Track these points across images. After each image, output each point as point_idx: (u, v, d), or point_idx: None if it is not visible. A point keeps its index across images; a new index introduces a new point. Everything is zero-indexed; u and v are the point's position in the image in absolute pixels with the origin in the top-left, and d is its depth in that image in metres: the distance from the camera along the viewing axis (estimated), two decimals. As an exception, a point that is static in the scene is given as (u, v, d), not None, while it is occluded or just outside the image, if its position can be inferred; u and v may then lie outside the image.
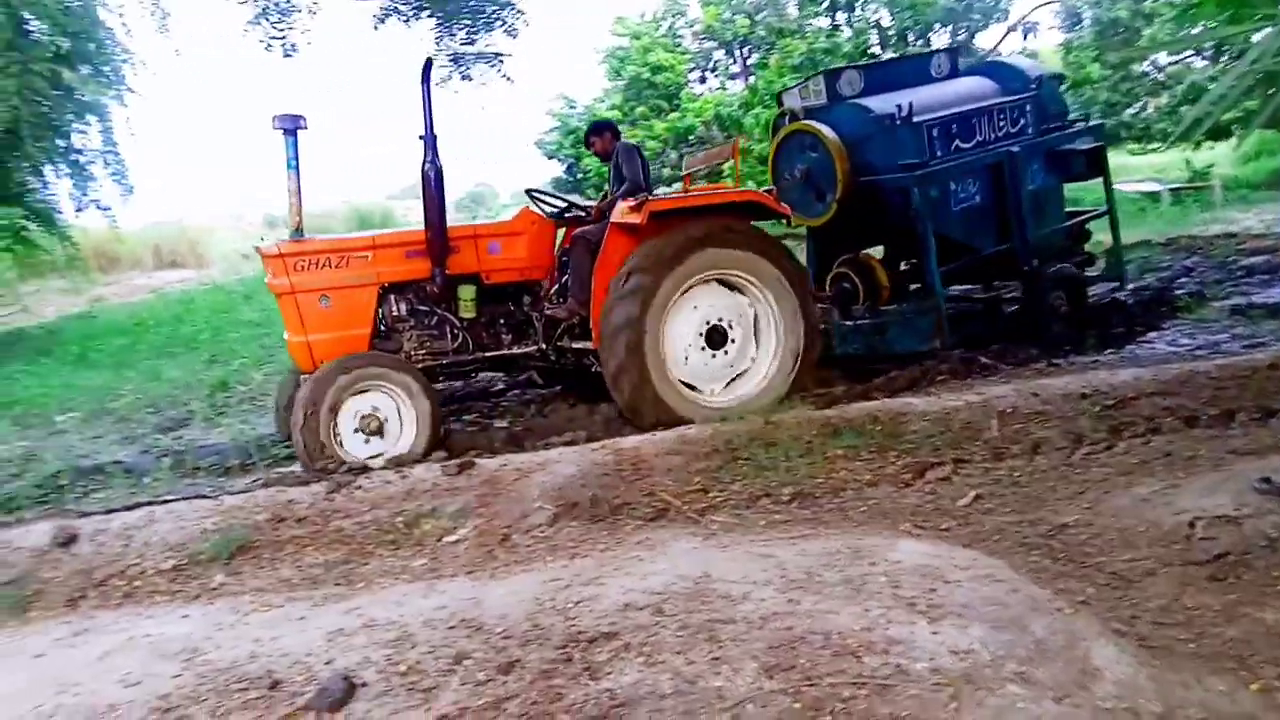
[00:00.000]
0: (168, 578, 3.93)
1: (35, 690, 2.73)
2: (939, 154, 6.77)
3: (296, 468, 5.37)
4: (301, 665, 2.68)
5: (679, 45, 25.47)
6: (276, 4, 10.60)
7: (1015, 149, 7.09)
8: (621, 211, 5.62)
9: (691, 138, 21.69)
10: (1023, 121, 7.31)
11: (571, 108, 24.23)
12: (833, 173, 6.78)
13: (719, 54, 26.20)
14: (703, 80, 26.41)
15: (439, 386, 6.31)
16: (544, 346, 5.93)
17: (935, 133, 6.80)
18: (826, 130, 6.90)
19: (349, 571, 3.83)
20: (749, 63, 24.66)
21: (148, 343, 11.33)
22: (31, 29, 13.55)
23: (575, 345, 5.86)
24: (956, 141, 6.96)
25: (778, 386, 5.74)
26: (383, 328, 5.76)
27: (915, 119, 6.67)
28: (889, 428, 4.67)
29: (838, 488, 4.16)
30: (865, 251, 7.26)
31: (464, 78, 13.47)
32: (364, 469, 4.83)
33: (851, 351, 6.75)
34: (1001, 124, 7.23)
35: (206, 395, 7.89)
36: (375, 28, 11.35)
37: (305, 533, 4.20)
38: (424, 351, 5.74)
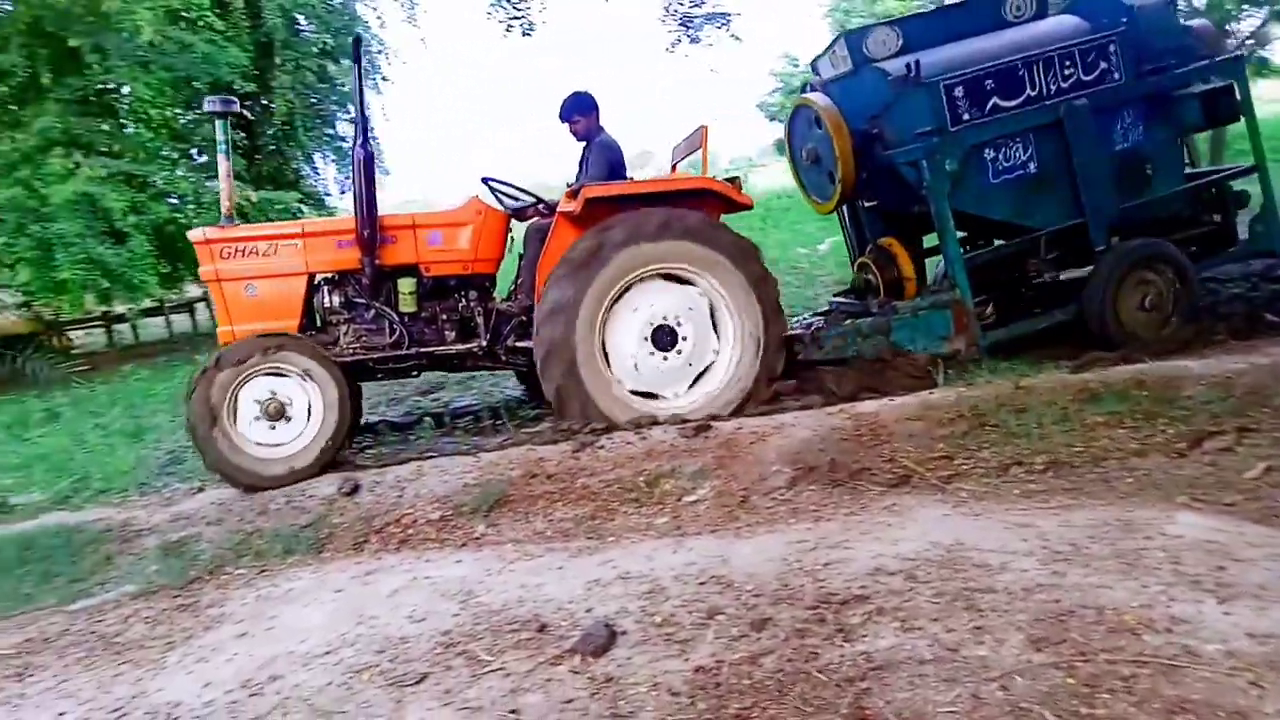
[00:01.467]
0: (436, 526, 4.29)
1: (338, 620, 3.08)
2: (965, 117, 5.67)
3: (543, 427, 5.66)
4: (565, 611, 2.86)
5: (909, -7, 24.39)
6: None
7: (1081, 101, 5.72)
8: (564, 201, 5.32)
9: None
10: (1104, 65, 5.84)
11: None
12: (833, 151, 6.00)
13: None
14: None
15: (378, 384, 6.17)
16: (486, 344, 5.49)
17: (959, 92, 5.67)
18: (821, 101, 6.13)
19: (597, 526, 4.02)
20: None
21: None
22: (302, 28, 14.93)
23: (519, 344, 5.48)
24: (995, 100, 5.74)
25: (744, 378, 5.29)
26: (319, 320, 5.53)
27: (930, 77, 5.63)
28: (1158, 393, 4.30)
29: (1099, 457, 3.89)
30: (887, 238, 6.37)
31: (692, 40, 13.54)
32: (606, 429, 5.00)
33: (850, 355, 5.75)
34: (1069, 72, 5.82)
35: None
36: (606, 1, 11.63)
37: (555, 488, 4.44)
38: (358, 345, 5.41)
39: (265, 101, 15.10)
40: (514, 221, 5.78)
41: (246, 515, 4.55)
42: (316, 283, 5.47)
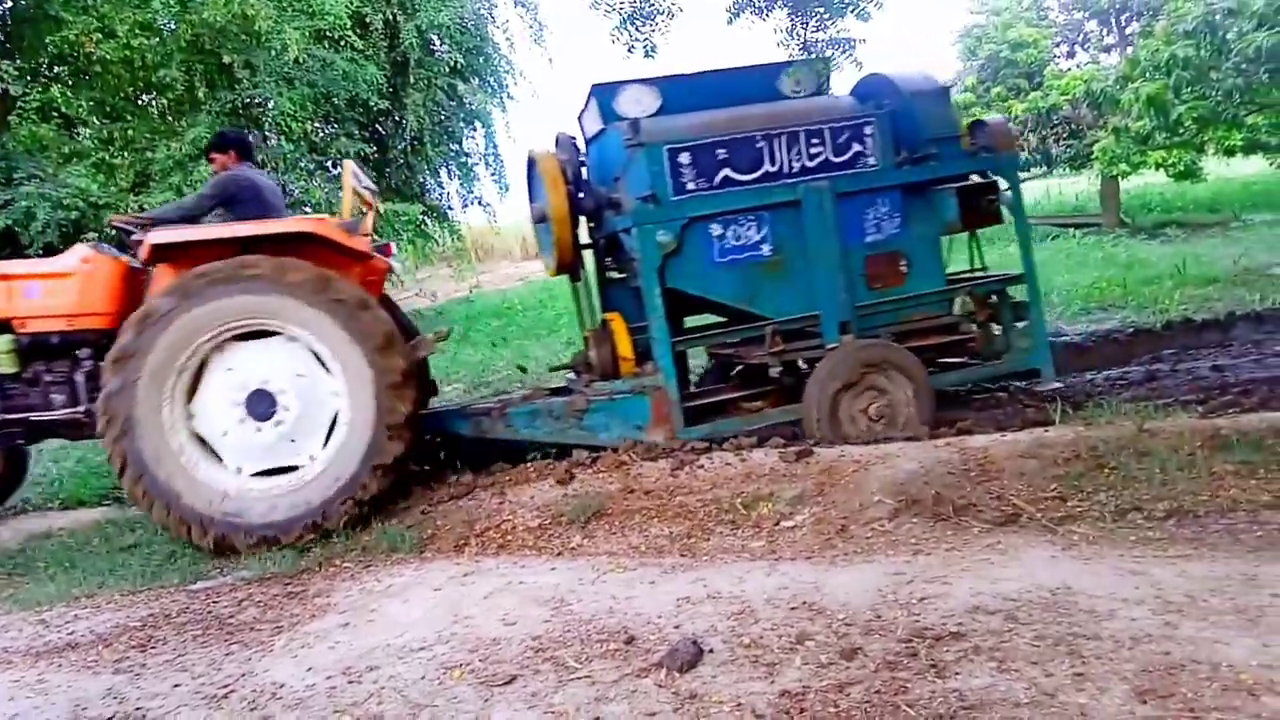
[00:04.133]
0: (534, 534, 4.37)
1: (435, 617, 3.17)
2: (690, 187, 5.12)
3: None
4: (653, 626, 2.87)
5: (1044, 19, 23.66)
6: (640, 10, 11.28)
7: (821, 182, 5.18)
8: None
9: (1055, 118, 20.07)
10: (857, 148, 5.28)
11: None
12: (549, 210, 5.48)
13: (1091, 25, 23.93)
14: (1071, 55, 24.30)
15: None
16: (88, 409, 4.81)
17: (684, 159, 5.11)
18: (542, 155, 5.60)
19: (691, 545, 4.02)
20: (1127, 32, 22.28)
21: (517, 325, 12.64)
22: (436, 48, 15.54)
23: None
24: (726, 171, 5.18)
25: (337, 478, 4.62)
26: None
27: (651, 141, 5.08)
28: (1295, 444, 4.03)
29: (1226, 508, 3.66)
30: (611, 313, 5.76)
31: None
32: (707, 448, 5.00)
33: (540, 439, 5.29)
34: (816, 151, 5.25)
35: (566, 373, 8.62)
36: (729, 22, 11.68)
37: (652, 505, 4.46)
38: None
39: (397, 117, 15.75)
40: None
41: (389, 510, 4.81)
42: None
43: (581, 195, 5.64)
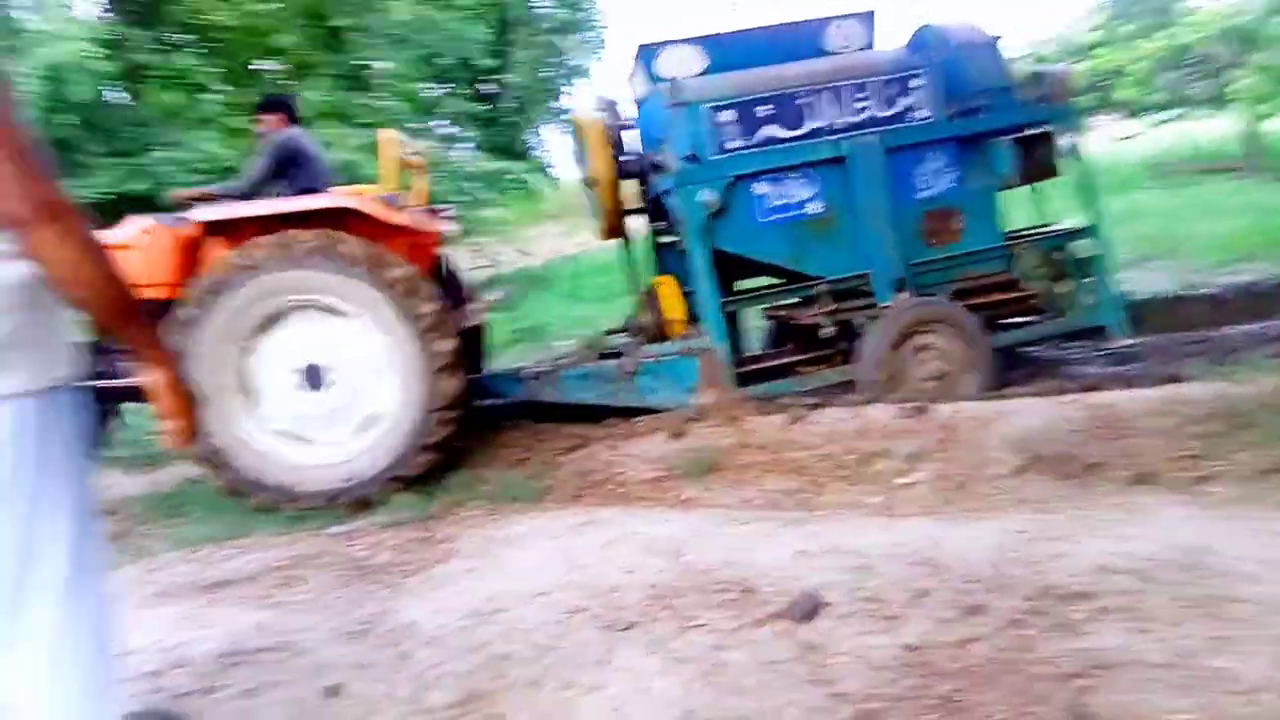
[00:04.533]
0: (649, 486, 4.45)
1: (553, 565, 3.27)
2: (731, 146, 5.06)
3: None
4: (770, 578, 2.90)
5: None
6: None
7: (869, 137, 5.07)
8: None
9: (1188, 57, 18.85)
10: (907, 102, 5.16)
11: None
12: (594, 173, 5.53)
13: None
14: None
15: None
16: None
17: (726, 117, 5.05)
18: (583, 119, 5.66)
19: (807, 499, 4.02)
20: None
21: (621, 282, 12.69)
22: (538, 5, 15.60)
23: None
24: (769, 129, 5.09)
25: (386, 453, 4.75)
26: None
27: (692, 101, 5.02)
28: None
29: (1379, 469, 3.46)
30: (661, 276, 5.79)
31: None
32: (819, 404, 4.96)
33: (590, 401, 5.32)
34: (862, 105, 5.12)
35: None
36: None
37: (766, 459, 4.47)
38: None
39: (502, 76, 15.91)
40: None
41: (509, 462, 4.98)
42: None
43: (627, 158, 5.69)
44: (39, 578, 1.75)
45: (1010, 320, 5.60)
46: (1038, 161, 5.45)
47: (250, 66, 14.01)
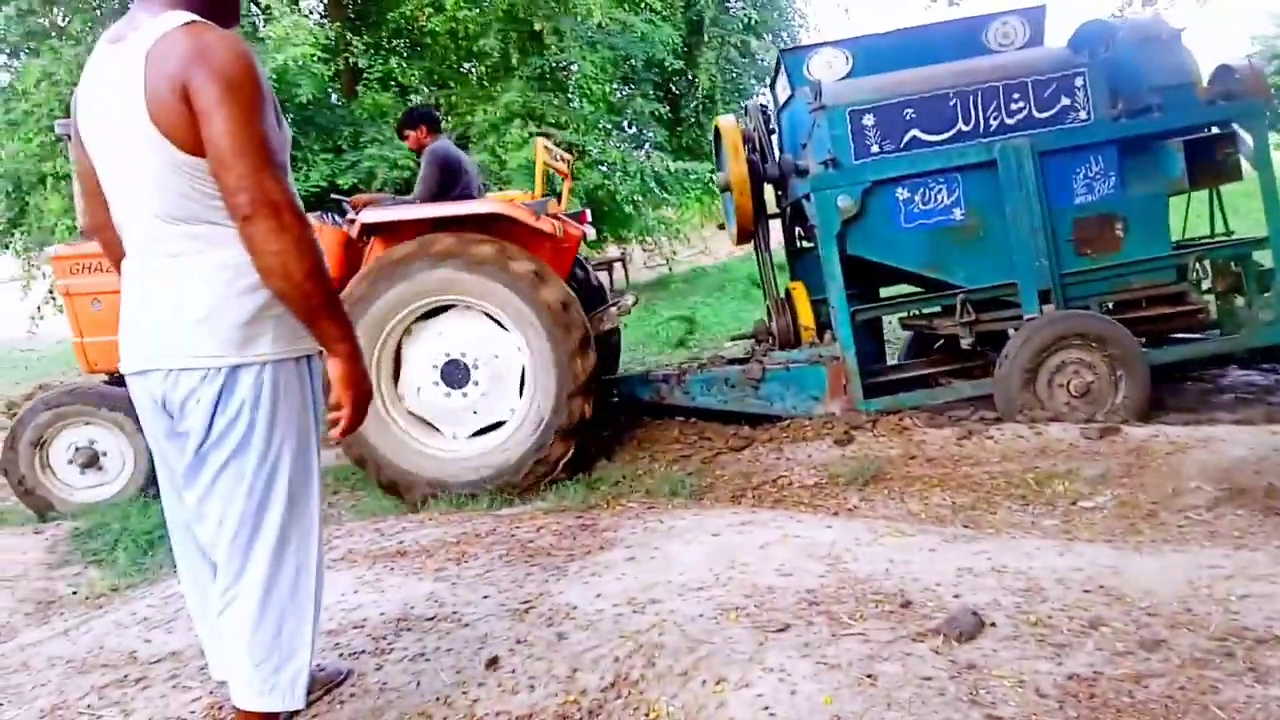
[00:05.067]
0: (810, 491, 4.41)
1: (713, 561, 3.31)
2: (875, 150, 4.96)
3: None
4: (931, 592, 2.82)
5: None
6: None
7: (1020, 140, 4.84)
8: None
9: None
10: (1065, 102, 4.88)
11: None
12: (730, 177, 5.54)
13: None
14: None
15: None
16: None
17: (869, 120, 4.94)
18: (725, 123, 5.64)
19: (976, 517, 3.87)
20: None
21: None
22: (730, 5, 15.65)
23: None
24: (914, 132, 4.93)
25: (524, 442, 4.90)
26: None
27: (833, 105, 4.94)
28: None
29: None
30: (794, 282, 5.74)
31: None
32: (997, 418, 4.77)
33: (717, 406, 5.30)
34: (1017, 107, 4.90)
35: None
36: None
37: (934, 472, 4.35)
38: None
39: (690, 76, 16.05)
40: None
41: (672, 458, 5.07)
42: None
43: (767, 163, 5.67)
44: (261, 533, 1.96)
45: (1179, 336, 5.33)
46: (1215, 164, 5.14)
47: (452, 69, 14.80)
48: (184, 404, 1.91)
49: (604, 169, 14.18)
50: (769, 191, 6.11)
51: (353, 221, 5.36)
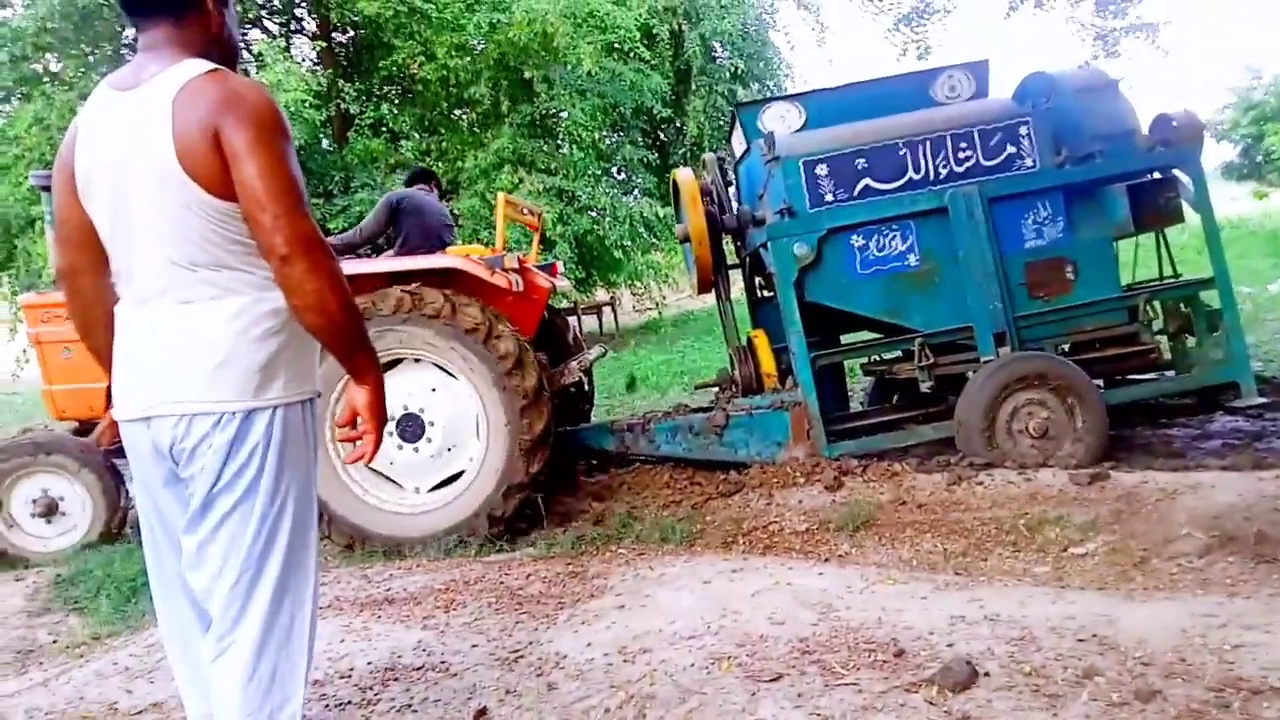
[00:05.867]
0: (801, 538, 4.38)
1: (704, 609, 3.28)
2: (829, 199, 5.05)
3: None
4: (924, 641, 2.80)
5: None
6: (916, 9, 11.04)
7: (969, 187, 4.94)
8: None
9: None
10: (1011, 150, 5.01)
11: (1257, 79, 20.78)
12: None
13: None
14: None
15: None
16: None
17: (822, 170, 5.03)
18: (683, 175, 5.75)
19: (967, 564, 3.86)
20: None
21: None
22: (717, 54, 15.92)
23: None
24: (866, 181, 5.03)
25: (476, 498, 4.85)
26: None
27: (787, 155, 5.05)
28: None
29: None
30: (756, 330, 5.76)
31: (1109, 55, 12.46)
32: (986, 464, 4.77)
33: (681, 454, 5.33)
34: (964, 155, 5.02)
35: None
36: (1006, 16, 11.09)
37: (924, 519, 4.33)
38: None
39: (678, 123, 16.27)
40: None
41: (662, 504, 5.05)
42: None
43: (724, 215, 5.76)
44: (262, 579, 1.94)
45: (1131, 377, 5.44)
46: (1158, 208, 5.28)
47: (443, 116, 14.96)
48: (195, 450, 1.89)
49: (593, 214, 14.30)
50: (728, 243, 6.19)
51: None
